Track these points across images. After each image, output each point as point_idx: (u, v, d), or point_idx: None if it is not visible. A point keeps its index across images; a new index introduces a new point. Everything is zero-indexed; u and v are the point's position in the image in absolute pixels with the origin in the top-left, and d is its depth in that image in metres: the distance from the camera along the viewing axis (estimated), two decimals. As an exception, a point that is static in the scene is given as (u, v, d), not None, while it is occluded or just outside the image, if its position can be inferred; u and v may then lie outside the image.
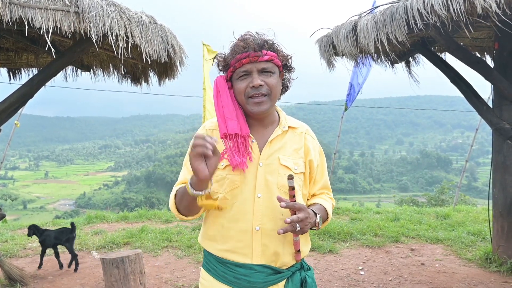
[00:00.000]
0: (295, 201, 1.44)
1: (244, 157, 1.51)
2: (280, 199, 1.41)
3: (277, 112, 1.68)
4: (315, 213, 1.51)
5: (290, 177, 1.43)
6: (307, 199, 1.69)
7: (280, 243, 1.52)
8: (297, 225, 1.40)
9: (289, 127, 1.64)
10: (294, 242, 1.52)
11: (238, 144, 1.51)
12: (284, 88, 1.67)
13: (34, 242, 5.49)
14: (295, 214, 1.42)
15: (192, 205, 1.46)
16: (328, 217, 1.65)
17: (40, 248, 4.60)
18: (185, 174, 1.61)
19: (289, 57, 1.61)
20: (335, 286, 4.03)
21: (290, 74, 1.66)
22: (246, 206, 1.50)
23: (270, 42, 1.55)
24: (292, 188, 1.44)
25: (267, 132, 1.61)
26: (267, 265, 1.51)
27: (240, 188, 1.51)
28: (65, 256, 4.92)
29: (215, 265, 1.56)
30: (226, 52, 1.58)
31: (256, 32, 1.56)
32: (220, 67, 1.60)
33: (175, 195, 1.54)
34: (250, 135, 1.57)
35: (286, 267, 1.55)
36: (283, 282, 1.54)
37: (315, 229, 1.55)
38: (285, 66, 1.61)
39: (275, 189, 1.52)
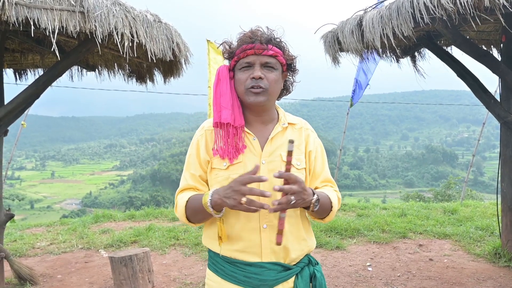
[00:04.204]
0: (290, 168, 1.38)
1: (233, 148, 1.50)
2: (277, 175, 1.36)
3: (276, 110, 1.67)
4: (313, 192, 1.46)
5: (291, 141, 1.37)
6: None
7: (288, 240, 1.51)
8: (292, 197, 1.34)
9: (288, 123, 1.63)
10: (280, 219, 1.40)
11: (229, 134, 1.51)
12: (286, 89, 1.67)
13: (43, 242, 5.53)
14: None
15: (207, 218, 1.52)
16: (332, 207, 1.57)
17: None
18: (188, 180, 1.60)
19: (294, 57, 1.61)
20: (343, 282, 4.02)
21: (293, 77, 1.66)
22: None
23: (278, 39, 1.55)
24: (290, 154, 1.37)
25: (267, 130, 1.60)
26: (277, 262, 1.51)
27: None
28: (74, 255, 4.95)
29: (223, 265, 1.54)
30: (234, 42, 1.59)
31: (267, 27, 1.57)
32: (225, 55, 1.60)
33: (186, 206, 1.52)
34: (250, 132, 1.56)
35: (295, 263, 1.56)
36: (293, 278, 1.54)
37: (314, 211, 1.47)
38: (289, 66, 1.60)
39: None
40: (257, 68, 1.50)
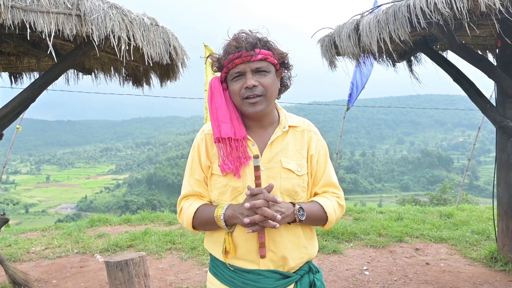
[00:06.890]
0: (260, 183, 1.39)
1: (237, 162, 1.46)
2: (248, 188, 1.40)
3: (277, 110, 1.62)
4: (293, 204, 1.45)
5: (256, 157, 1.38)
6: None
7: (286, 249, 1.49)
8: (266, 210, 1.35)
9: (289, 126, 1.57)
10: (259, 233, 1.41)
11: (232, 148, 1.46)
12: (284, 86, 1.62)
13: (38, 246, 5.48)
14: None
15: (216, 228, 1.52)
16: (327, 216, 1.52)
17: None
18: (193, 186, 1.57)
19: (285, 54, 1.54)
20: (340, 286, 4.01)
21: (289, 72, 1.60)
22: None
23: (264, 39, 1.49)
24: (257, 169, 1.38)
25: (267, 134, 1.55)
26: (275, 270, 1.48)
27: (243, 194, 1.47)
28: (70, 260, 4.91)
29: (222, 269, 1.53)
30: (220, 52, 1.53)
31: (250, 30, 1.50)
32: (214, 68, 1.54)
33: (194, 216, 1.51)
34: (249, 137, 1.52)
35: (294, 271, 1.53)
36: (292, 286, 1.51)
37: (302, 221, 1.46)
38: (282, 63, 1.55)
39: (278, 193, 1.48)
40: (249, 77, 1.44)
